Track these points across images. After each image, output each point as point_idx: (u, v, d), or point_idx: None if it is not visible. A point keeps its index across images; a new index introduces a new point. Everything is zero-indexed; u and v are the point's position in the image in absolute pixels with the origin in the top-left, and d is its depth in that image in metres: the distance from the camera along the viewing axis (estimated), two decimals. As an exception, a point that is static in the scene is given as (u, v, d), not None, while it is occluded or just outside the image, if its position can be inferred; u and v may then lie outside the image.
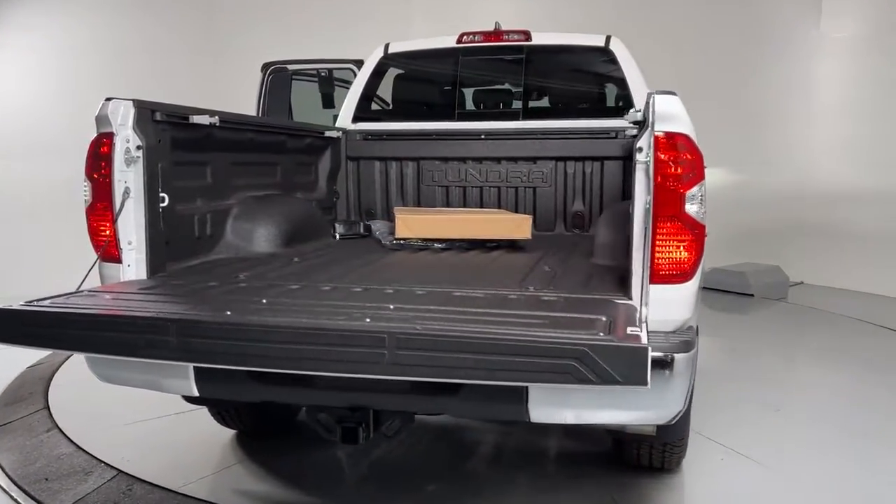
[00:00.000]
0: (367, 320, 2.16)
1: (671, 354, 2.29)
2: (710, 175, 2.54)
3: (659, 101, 2.42)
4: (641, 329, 2.14)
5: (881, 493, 3.45)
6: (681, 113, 2.43)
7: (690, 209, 2.43)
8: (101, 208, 2.87)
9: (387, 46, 5.16)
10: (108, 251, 2.87)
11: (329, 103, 6.17)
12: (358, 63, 5.98)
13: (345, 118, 5.03)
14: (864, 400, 4.72)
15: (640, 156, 2.47)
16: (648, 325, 2.37)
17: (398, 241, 3.92)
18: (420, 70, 5.36)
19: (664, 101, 2.42)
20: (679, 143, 2.42)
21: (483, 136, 4.80)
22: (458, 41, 5.00)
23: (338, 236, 4.47)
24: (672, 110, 2.42)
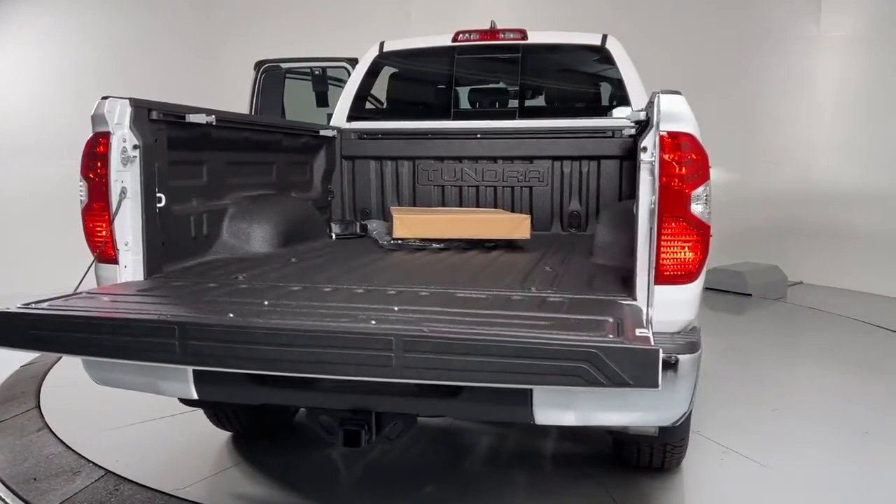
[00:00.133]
0: (373, 322, 2.13)
1: (676, 356, 2.28)
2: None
3: (664, 101, 2.40)
4: (648, 331, 2.13)
5: (881, 491, 3.46)
6: (686, 112, 2.42)
7: (696, 209, 2.42)
8: (98, 209, 2.83)
9: (382, 45, 5.12)
10: (105, 252, 2.83)
11: (323, 102, 6.13)
12: (352, 61, 5.95)
13: (339, 117, 4.99)
14: (862, 399, 4.72)
15: (644, 155, 2.45)
16: (653, 327, 2.36)
17: (396, 241, 3.89)
18: (416, 68, 5.32)
19: (669, 101, 2.40)
20: (685, 142, 2.40)
21: (479, 136, 4.78)
22: (454, 40, 4.97)
23: (334, 236, 4.44)
24: (677, 110, 2.41)
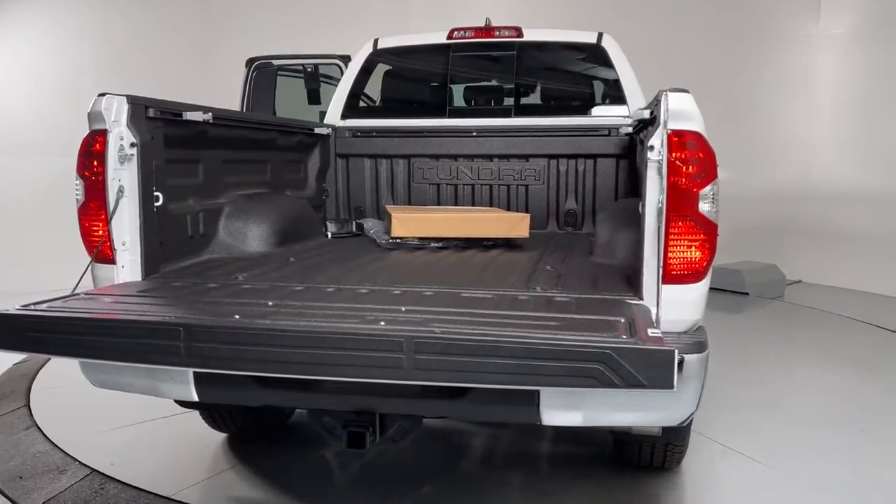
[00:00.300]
0: (382, 323, 2.10)
1: (683, 356, 2.27)
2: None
3: (672, 99, 2.39)
4: (660, 331, 2.11)
5: (879, 490, 3.47)
6: (694, 111, 2.40)
7: (703, 208, 2.41)
8: (94, 208, 2.77)
9: (376, 42, 5.07)
10: (102, 252, 2.77)
11: (315, 99, 6.07)
12: (344, 59, 5.90)
13: (333, 115, 4.95)
14: (860, 399, 4.73)
15: (651, 154, 2.43)
16: (661, 327, 2.35)
17: (394, 240, 3.85)
18: (410, 66, 5.29)
19: (677, 99, 2.39)
20: (693, 141, 2.39)
21: (475, 133, 4.76)
22: (449, 37, 4.93)
23: (329, 235, 4.40)
24: (685, 108, 2.39)
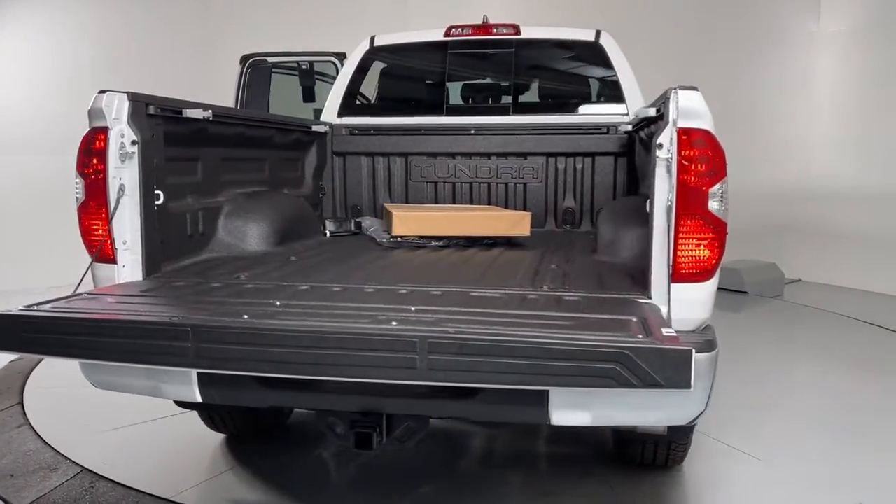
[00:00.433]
0: (394, 323, 2.08)
1: None
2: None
3: (682, 97, 2.38)
4: (674, 330, 2.10)
5: (877, 490, 3.48)
6: (703, 108, 2.39)
7: (713, 206, 2.41)
8: (94, 206, 2.72)
9: (372, 39, 5.04)
10: (102, 251, 2.73)
11: (310, 97, 6.03)
12: (339, 56, 5.87)
13: (330, 112, 4.91)
14: (860, 398, 4.73)
15: (660, 152, 2.43)
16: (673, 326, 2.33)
17: (394, 239, 3.82)
18: (407, 64, 5.25)
19: (687, 97, 2.38)
20: (703, 139, 2.38)
21: (472, 131, 4.74)
22: (446, 34, 4.91)
23: (328, 234, 4.36)
24: (695, 106, 2.38)
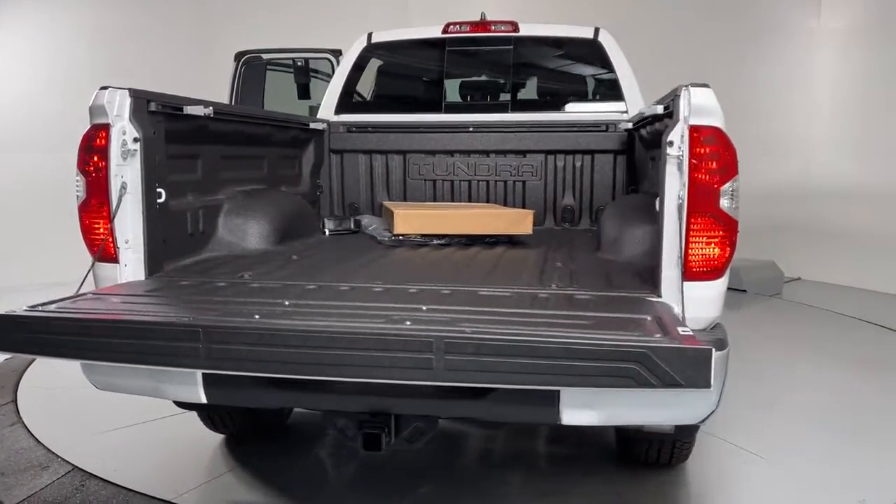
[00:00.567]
0: (408, 323, 2.05)
1: None
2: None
3: (694, 94, 2.36)
4: (690, 329, 2.09)
5: (876, 490, 3.49)
6: (714, 106, 2.38)
7: (724, 204, 2.39)
8: (96, 205, 2.68)
9: (370, 36, 5.00)
10: (105, 250, 2.68)
11: (305, 94, 5.98)
12: (335, 53, 5.82)
13: (327, 109, 4.87)
14: (859, 396, 4.73)
15: (671, 150, 2.41)
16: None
17: (396, 237, 3.79)
18: (405, 61, 5.22)
19: (699, 94, 2.37)
20: (714, 137, 2.37)
21: (471, 129, 4.71)
22: (444, 31, 4.88)
23: (327, 232, 4.32)
24: (706, 103, 2.37)
